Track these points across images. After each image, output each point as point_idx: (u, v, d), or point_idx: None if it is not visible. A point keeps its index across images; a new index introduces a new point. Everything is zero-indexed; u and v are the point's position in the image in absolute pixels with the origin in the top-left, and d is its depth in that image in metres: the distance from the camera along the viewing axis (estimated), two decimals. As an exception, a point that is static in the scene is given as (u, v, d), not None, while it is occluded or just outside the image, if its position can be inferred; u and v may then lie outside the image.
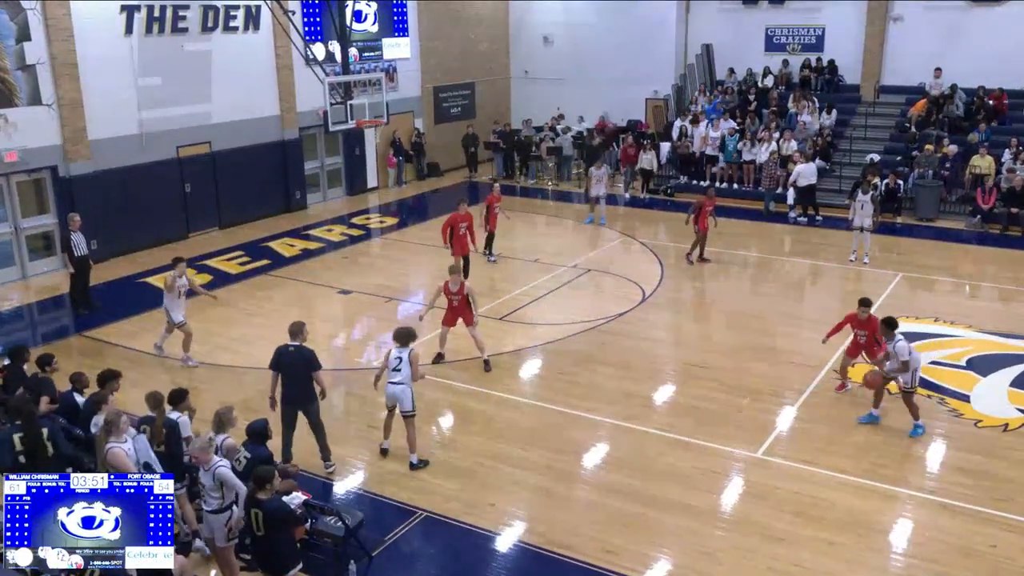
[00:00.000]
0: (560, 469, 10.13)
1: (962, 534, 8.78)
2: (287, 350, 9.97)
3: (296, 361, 9.89)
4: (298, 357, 9.90)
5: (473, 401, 11.95)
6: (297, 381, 9.92)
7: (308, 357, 9.89)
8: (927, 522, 9.03)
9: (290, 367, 9.92)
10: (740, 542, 8.72)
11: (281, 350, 10.02)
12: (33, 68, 16.98)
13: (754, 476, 9.91)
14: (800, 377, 12.34)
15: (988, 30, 22.56)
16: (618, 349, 13.50)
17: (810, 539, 8.71)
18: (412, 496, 9.56)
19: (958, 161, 21.00)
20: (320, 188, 24.02)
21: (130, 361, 13.19)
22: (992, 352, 13.09)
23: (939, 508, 9.25)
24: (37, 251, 17.83)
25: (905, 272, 16.94)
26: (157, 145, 19.26)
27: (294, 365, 9.90)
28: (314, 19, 22.66)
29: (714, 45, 26.86)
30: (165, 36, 19.18)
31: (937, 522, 9.02)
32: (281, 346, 10.06)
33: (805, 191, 20.79)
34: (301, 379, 9.89)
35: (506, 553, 8.72)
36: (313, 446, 10.23)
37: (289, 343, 10.00)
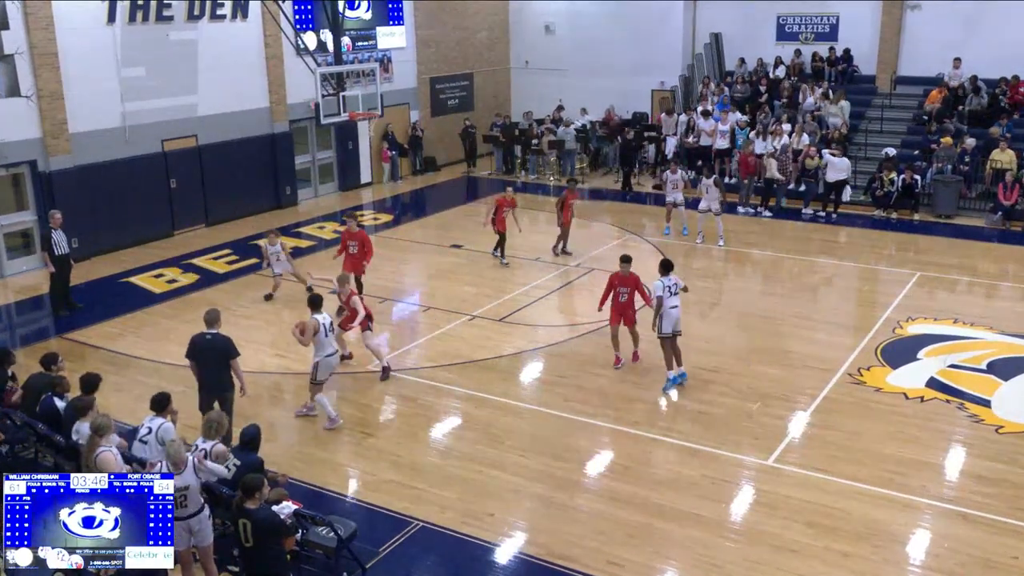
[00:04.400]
0: (562, 477, 10.12)
1: (982, 545, 8.77)
2: (203, 338, 10.36)
3: (210, 349, 10.27)
4: (213, 345, 10.27)
5: (471, 406, 11.95)
6: (212, 369, 10.32)
7: (223, 345, 10.27)
8: (946, 533, 9.03)
9: (203, 355, 10.32)
10: (750, 554, 8.71)
11: (196, 338, 10.43)
12: (11, 58, 16.97)
13: (765, 485, 9.91)
14: (813, 381, 12.34)
15: (1009, 18, 22.55)
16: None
17: (824, 551, 8.70)
18: (407, 505, 9.56)
19: (977, 155, 21.02)
20: (311, 183, 24.03)
21: (113, 364, 13.21)
22: (1014, 355, 13.08)
23: (958, 518, 9.25)
24: (15, 249, 17.83)
25: (923, 271, 16.94)
26: (141, 138, 19.25)
27: (208, 353, 10.29)
28: (305, 7, 22.64)
29: (723, 34, 26.83)
30: (149, 25, 19.17)
31: (956, 533, 9.02)
32: (196, 335, 10.46)
33: (833, 186, 20.75)
34: (216, 367, 10.28)
35: (506, 565, 8.72)
36: (302, 453, 10.22)
37: (205, 331, 10.36)
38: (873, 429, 11.02)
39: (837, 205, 20.99)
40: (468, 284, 16.73)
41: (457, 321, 14.77)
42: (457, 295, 16.04)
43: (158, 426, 8.74)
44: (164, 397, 8.97)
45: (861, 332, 14.03)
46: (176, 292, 16.52)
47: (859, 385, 12.22)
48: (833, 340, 13.81)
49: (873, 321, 14.46)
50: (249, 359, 12.97)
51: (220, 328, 10.45)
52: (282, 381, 12.81)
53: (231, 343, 10.34)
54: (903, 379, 12.36)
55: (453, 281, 16.88)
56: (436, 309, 14.94)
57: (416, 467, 10.42)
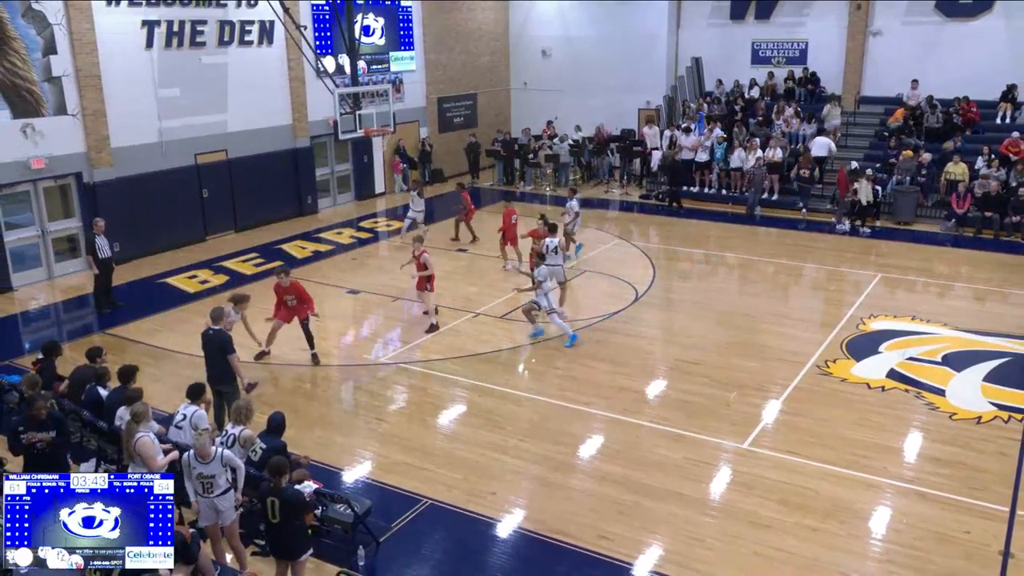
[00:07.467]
0: (558, 460, 10.11)
1: (938, 521, 8.77)
2: (207, 333, 10.37)
3: (211, 344, 10.28)
4: (214, 340, 10.26)
5: (475, 395, 11.94)
6: (213, 363, 10.33)
7: (222, 341, 10.24)
8: (906, 510, 9.03)
9: (205, 348, 10.39)
10: (728, 529, 8.71)
11: (203, 333, 10.45)
12: (59, 80, 16.97)
13: (742, 467, 9.90)
14: (785, 372, 12.33)
15: (962, 45, 22.61)
16: (613, 346, 13.49)
17: (795, 526, 8.70)
18: (417, 485, 9.55)
19: (933, 168, 21.01)
20: (330, 193, 23.99)
21: (151, 357, 13.20)
22: (966, 349, 13.08)
23: (917, 496, 9.25)
24: (62, 253, 17.80)
25: (884, 273, 16.93)
26: (176, 153, 19.24)
27: (209, 347, 10.32)
28: (325, 34, 22.65)
29: (703, 58, 26.86)
30: (184, 50, 19.17)
31: (915, 510, 9.02)
32: (204, 330, 10.46)
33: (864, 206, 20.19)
34: (216, 361, 10.27)
35: (506, 539, 8.71)
36: (322, 437, 10.21)
37: (210, 327, 10.37)
38: (839, 416, 11.02)
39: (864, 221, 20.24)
40: (471, 284, 16.72)
41: (462, 318, 14.76)
42: (462, 294, 16.01)
43: (192, 413, 8.74)
44: (199, 387, 8.99)
45: (828, 328, 14.03)
46: (208, 292, 16.49)
47: (826, 376, 12.21)
48: (803, 335, 13.79)
49: (839, 318, 14.45)
50: (275, 353, 13.02)
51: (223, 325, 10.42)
52: (304, 373, 12.79)
53: (230, 340, 10.29)
54: (866, 371, 12.35)
55: (458, 282, 16.86)
56: (443, 307, 14.91)
57: (425, 450, 10.41)
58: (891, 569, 8.08)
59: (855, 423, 10.83)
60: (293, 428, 9.74)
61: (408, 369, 12.81)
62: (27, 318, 15.64)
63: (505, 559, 8.41)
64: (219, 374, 10.33)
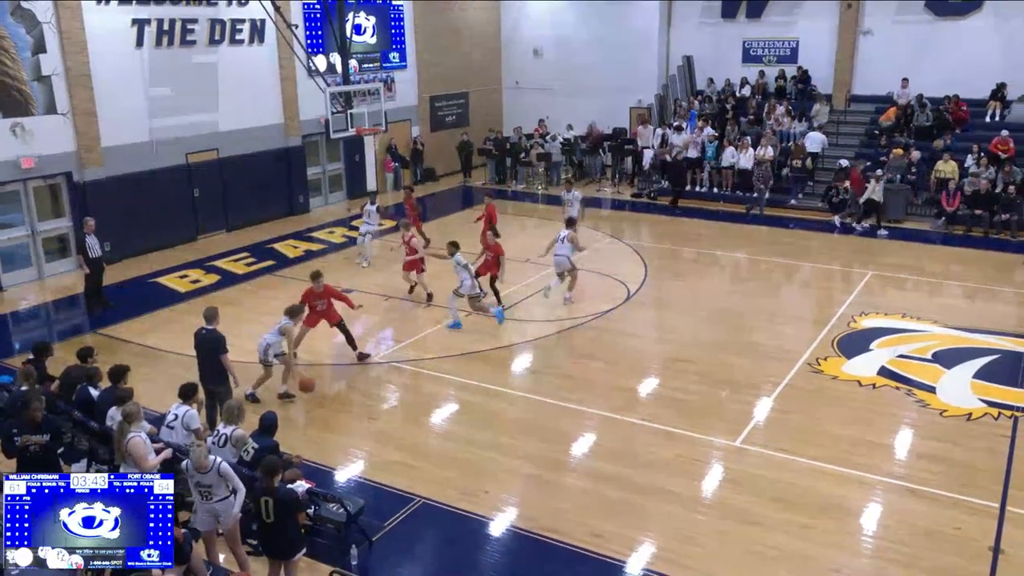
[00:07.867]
0: (550, 458, 10.12)
1: (929, 517, 8.82)
2: (200, 333, 10.36)
3: (204, 343, 10.27)
4: (206, 340, 10.25)
5: (468, 394, 11.93)
6: (205, 362, 10.30)
7: (215, 341, 10.21)
8: (896, 506, 9.07)
9: (199, 348, 10.37)
10: (720, 526, 8.73)
11: (196, 332, 10.42)
12: (49, 79, 16.88)
13: (733, 464, 9.93)
14: (776, 370, 12.37)
15: (952, 43, 22.69)
16: (605, 345, 13.51)
17: (786, 523, 8.73)
18: (410, 484, 9.54)
19: (923, 166, 21.08)
20: (322, 192, 23.94)
21: (142, 357, 13.14)
22: (956, 346, 13.14)
23: (907, 493, 9.29)
24: (53, 253, 17.71)
25: (875, 271, 16.99)
26: (167, 152, 19.17)
27: (202, 347, 10.30)
28: (316, 32, 22.58)
29: (694, 57, 26.88)
30: (174, 48, 19.09)
31: (905, 506, 9.06)
32: (197, 329, 10.44)
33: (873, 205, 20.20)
34: (209, 361, 10.25)
35: (499, 537, 8.71)
36: (314, 436, 10.18)
37: (204, 326, 10.35)
38: (830, 413, 11.06)
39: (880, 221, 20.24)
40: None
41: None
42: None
43: (183, 413, 8.73)
44: (191, 386, 8.97)
45: (819, 326, 14.07)
46: (199, 291, 16.44)
47: (818, 374, 12.25)
48: (794, 333, 13.83)
49: (830, 316, 14.50)
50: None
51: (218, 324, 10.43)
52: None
53: (221, 340, 10.23)
54: (857, 368, 12.40)
55: (451, 281, 16.80)
56: (436, 306, 14.91)
57: (418, 449, 10.41)
58: (882, 565, 8.12)
59: (846, 420, 10.86)
60: (284, 428, 9.70)
61: (400, 368, 12.79)
62: (17, 318, 15.55)
63: (498, 557, 8.42)
64: (210, 374, 10.29)
